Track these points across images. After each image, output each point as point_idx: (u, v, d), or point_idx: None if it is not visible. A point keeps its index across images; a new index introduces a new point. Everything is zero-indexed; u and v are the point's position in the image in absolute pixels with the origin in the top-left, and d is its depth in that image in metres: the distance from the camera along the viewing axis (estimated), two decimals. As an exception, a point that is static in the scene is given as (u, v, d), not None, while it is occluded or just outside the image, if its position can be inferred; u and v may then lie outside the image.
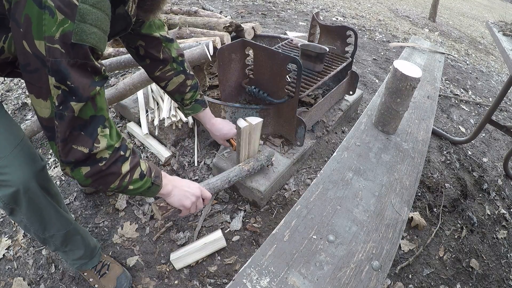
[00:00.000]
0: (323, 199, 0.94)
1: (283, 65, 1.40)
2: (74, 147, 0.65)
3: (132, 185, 0.78)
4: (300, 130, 1.56)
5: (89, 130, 0.66)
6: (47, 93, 0.61)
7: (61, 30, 0.57)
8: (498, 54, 5.36)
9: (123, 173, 0.74)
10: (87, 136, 0.66)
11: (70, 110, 0.62)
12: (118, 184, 0.75)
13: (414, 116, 1.42)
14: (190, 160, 1.71)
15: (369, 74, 3.08)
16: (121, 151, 0.74)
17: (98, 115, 0.68)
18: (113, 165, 0.72)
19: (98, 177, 0.71)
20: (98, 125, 0.68)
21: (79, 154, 0.66)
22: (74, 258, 1.09)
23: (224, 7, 4.53)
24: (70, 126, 0.64)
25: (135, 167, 0.78)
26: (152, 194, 0.87)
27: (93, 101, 0.66)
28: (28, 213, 0.86)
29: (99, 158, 0.69)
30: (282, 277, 0.72)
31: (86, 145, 0.66)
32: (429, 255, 1.48)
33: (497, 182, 2.05)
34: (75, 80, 0.61)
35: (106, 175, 0.72)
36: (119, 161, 0.73)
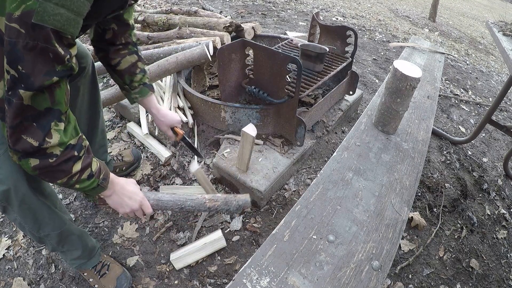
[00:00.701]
0: (323, 199, 0.94)
1: (283, 65, 1.40)
2: (24, 137, 0.61)
3: (78, 184, 0.75)
4: (300, 130, 1.56)
5: (42, 122, 0.62)
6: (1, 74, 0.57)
7: (23, 7, 0.52)
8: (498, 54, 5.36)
9: (73, 172, 0.71)
10: (39, 129, 0.62)
11: (18, 97, 0.58)
12: (66, 181, 0.72)
13: (414, 116, 1.42)
14: (190, 160, 1.71)
15: (369, 74, 3.08)
16: (75, 151, 0.71)
17: (54, 108, 0.63)
18: (63, 163, 0.69)
19: (46, 171, 0.68)
20: (52, 119, 0.63)
21: (28, 146, 0.62)
22: (72, 258, 1.09)
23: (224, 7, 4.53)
24: (19, 114, 0.59)
25: (86, 168, 0.75)
26: (95, 193, 0.85)
27: (50, 92, 0.61)
28: (20, 212, 0.86)
29: (50, 153, 0.65)
30: (282, 277, 0.72)
31: (36, 138, 0.62)
32: (429, 255, 1.48)
33: (497, 182, 2.05)
34: (27, 66, 0.56)
35: (55, 171, 0.69)
36: (71, 161, 0.70)
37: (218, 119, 1.72)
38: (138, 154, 1.64)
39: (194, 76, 2.00)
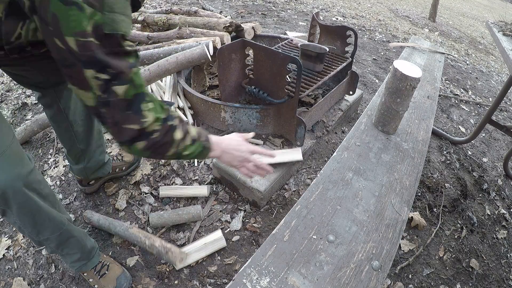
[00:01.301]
0: (323, 199, 0.94)
1: (283, 65, 1.40)
2: (125, 127, 0.68)
3: (187, 151, 0.81)
4: (300, 130, 1.56)
5: (135, 108, 0.69)
6: (87, 85, 0.63)
7: (92, 23, 0.57)
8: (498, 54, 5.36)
9: (176, 140, 0.77)
10: (134, 114, 0.69)
11: (114, 95, 0.65)
12: (175, 151, 0.78)
13: (414, 116, 1.42)
14: (190, 160, 1.71)
15: (369, 74, 3.08)
16: (170, 121, 0.76)
17: (139, 92, 0.69)
18: (166, 135, 0.75)
19: (154, 148, 0.74)
20: (141, 102, 0.70)
21: (132, 132, 0.69)
22: (72, 260, 1.09)
23: (224, 7, 4.53)
24: (117, 109, 0.66)
25: (186, 133, 0.80)
26: (204, 157, 0.90)
27: (131, 80, 0.67)
28: (19, 215, 0.85)
29: (151, 131, 0.72)
30: (282, 277, 0.72)
31: (136, 123, 0.69)
32: (429, 255, 1.48)
33: (497, 182, 2.05)
34: (114, 66, 0.63)
35: (161, 145, 0.75)
36: (170, 131, 0.76)
37: (218, 119, 1.72)
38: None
39: (194, 76, 2.00)
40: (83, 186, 1.48)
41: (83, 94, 0.65)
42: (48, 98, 1.14)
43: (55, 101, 1.15)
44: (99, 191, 1.53)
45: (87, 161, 1.35)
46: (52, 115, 1.19)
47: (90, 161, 1.36)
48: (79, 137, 1.26)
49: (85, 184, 1.47)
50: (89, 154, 1.34)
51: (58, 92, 1.13)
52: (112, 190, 1.52)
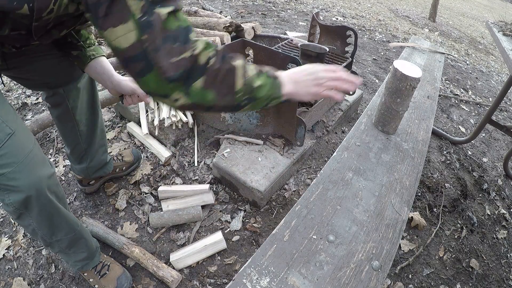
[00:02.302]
0: (323, 199, 0.94)
1: (283, 65, 1.40)
2: (175, 60, 0.58)
3: (257, 81, 0.67)
4: (300, 130, 1.56)
5: (182, 38, 0.60)
6: (127, 13, 0.56)
7: None
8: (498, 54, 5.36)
9: (238, 66, 0.65)
10: (183, 44, 0.59)
11: (156, 15, 0.57)
12: (243, 82, 0.65)
13: (414, 116, 1.42)
14: (190, 160, 1.71)
15: (369, 74, 3.08)
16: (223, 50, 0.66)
17: (184, 25, 0.61)
18: (224, 62, 0.64)
19: (217, 82, 0.63)
20: (188, 32, 0.61)
21: (184, 62, 0.59)
22: (76, 260, 1.09)
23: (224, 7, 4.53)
24: (162, 34, 0.58)
25: (243, 62, 0.67)
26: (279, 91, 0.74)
27: (174, 15, 0.60)
28: (38, 218, 0.85)
29: (206, 60, 0.61)
30: (282, 277, 0.72)
31: (185, 50, 0.59)
32: (429, 255, 1.48)
33: (497, 182, 2.05)
34: None
35: (224, 76, 0.63)
36: (226, 57, 0.65)
37: (218, 119, 1.72)
38: (138, 154, 1.64)
39: (194, 76, 2.00)
40: (83, 186, 1.48)
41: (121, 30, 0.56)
42: (57, 97, 1.15)
43: (63, 100, 1.15)
44: (99, 191, 1.53)
45: (89, 161, 1.36)
46: (59, 114, 1.20)
47: (93, 161, 1.37)
48: (83, 136, 1.27)
49: (85, 184, 1.47)
50: (91, 153, 1.34)
51: (67, 91, 1.14)
52: (112, 190, 1.52)
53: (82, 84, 1.16)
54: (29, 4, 0.65)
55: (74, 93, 1.15)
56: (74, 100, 1.16)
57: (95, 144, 1.33)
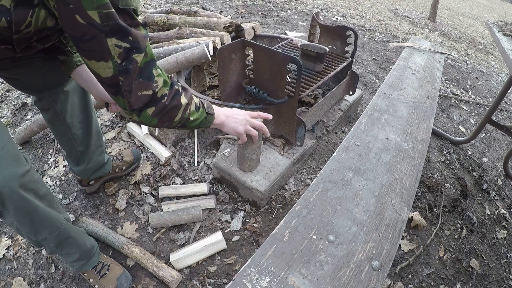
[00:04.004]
0: (323, 199, 0.94)
1: (283, 65, 1.40)
2: (140, 94, 0.73)
3: (192, 116, 0.86)
4: (300, 130, 1.56)
5: (146, 75, 0.73)
6: (108, 55, 0.67)
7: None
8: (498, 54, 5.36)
9: (183, 104, 0.82)
10: (147, 81, 0.73)
11: (134, 62, 0.69)
12: (181, 116, 0.83)
13: (414, 116, 1.42)
14: (190, 160, 1.71)
15: (369, 74, 3.08)
16: (175, 86, 0.81)
17: (149, 60, 0.74)
18: (173, 99, 0.79)
19: (163, 113, 0.79)
20: (151, 68, 0.74)
21: (145, 98, 0.74)
22: (72, 260, 1.09)
23: (224, 7, 4.53)
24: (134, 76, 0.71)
25: (191, 99, 0.86)
26: (209, 124, 0.95)
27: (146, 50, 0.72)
28: (17, 216, 0.85)
29: (160, 96, 0.77)
30: (282, 277, 0.72)
31: (149, 88, 0.74)
32: (429, 255, 1.48)
33: (497, 182, 2.05)
34: (133, 35, 0.67)
35: (169, 110, 0.80)
36: (177, 95, 0.81)
37: (218, 119, 1.72)
38: (138, 154, 1.64)
39: (194, 76, 2.00)
40: (83, 186, 1.48)
41: (102, 65, 0.68)
42: (44, 102, 1.14)
43: (51, 105, 1.14)
44: (99, 191, 1.53)
45: (87, 163, 1.35)
46: (50, 119, 1.19)
47: (90, 162, 1.36)
48: (78, 139, 1.26)
49: (85, 184, 1.47)
50: (88, 155, 1.34)
51: (54, 95, 1.13)
52: (112, 190, 1.52)
53: (71, 87, 1.15)
54: (6, 18, 0.68)
55: (62, 97, 1.14)
56: (63, 104, 1.15)
57: (91, 146, 1.32)
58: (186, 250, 1.26)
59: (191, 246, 1.28)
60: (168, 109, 0.79)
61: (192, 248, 1.27)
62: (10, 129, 1.93)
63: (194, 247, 1.28)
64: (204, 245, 1.27)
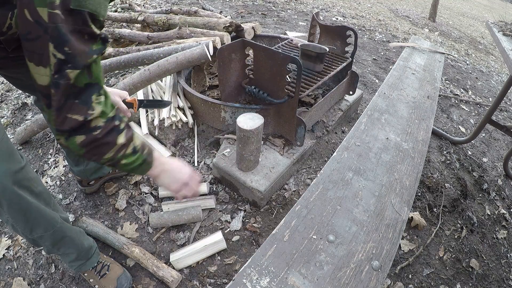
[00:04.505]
0: (323, 199, 0.94)
1: (283, 65, 1.40)
2: (69, 116, 0.64)
3: (125, 159, 0.76)
4: (300, 130, 1.56)
5: (84, 98, 0.65)
6: (47, 60, 0.60)
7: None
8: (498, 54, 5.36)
9: (118, 144, 0.72)
10: (82, 104, 0.65)
11: (66, 78, 0.61)
12: (113, 155, 0.73)
13: (414, 116, 1.42)
14: (190, 160, 1.71)
15: (369, 74, 3.08)
16: (116, 121, 0.72)
17: (93, 83, 0.66)
18: (108, 135, 0.70)
19: (92, 146, 0.69)
20: (93, 93, 0.66)
21: (74, 123, 0.65)
22: (70, 260, 1.09)
23: (224, 7, 4.53)
24: (65, 94, 0.63)
25: (129, 140, 0.76)
26: (142, 172, 0.84)
27: (88, 69, 0.65)
28: (11, 212, 0.85)
29: (94, 126, 0.67)
30: (282, 277, 0.72)
31: (81, 113, 0.65)
32: (429, 255, 1.48)
33: (497, 182, 2.05)
34: (72, 47, 0.60)
35: (101, 145, 0.70)
36: (114, 131, 0.71)
37: (218, 119, 1.72)
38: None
39: (194, 76, 2.00)
40: (83, 187, 1.48)
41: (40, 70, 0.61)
42: None
43: None
44: (99, 191, 1.53)
45: (86, 163, 1.35)
46: None
47: (90, 163, 1.36)
48: None
49: (85, 185, 1.47)
50: None
51: None
52: (112, 190, 1.52)
53: None
54: None
55: None
56: None
57: None
58: (186, 250, 1.26)
59: (191, 246, 1.28)
60: (99, 144, 0.70)
61: (192, 248, 1.27)
62: (10, 129, 1.93)
63: (194, 247, 1.28)
64: (204, 245, 1.27)
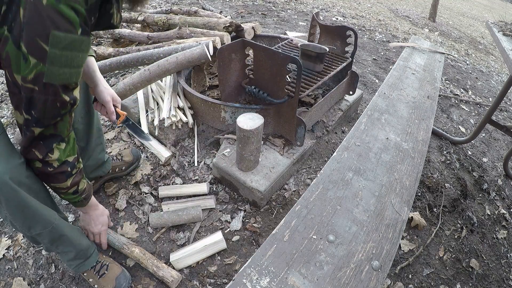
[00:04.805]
0: (323, 199, 0.94)
1: (283, 65, 1.40)
2: (33, 150, 0.81)
3: (64, 196, 0.96)
4: (300, 130, 1.56)
5: (47, 143, 0.81)
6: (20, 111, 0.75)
7: (35, 71, 0.68)
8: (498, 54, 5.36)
9: (61, 184, 0.90)
10: (44, 146, 0.81)
11: (31, 132, 0.77)
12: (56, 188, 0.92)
13: (414, 116, 1.42)
14: (190, 160, 1.71)
15: (369, 74, 3.08)
16: (69, 167, 0.89)
17: (57, 134, 0.82)
18: (58, 175, 0.88)
19: (44, 176, 0.88)
20: (55, 141, 0.82)
21: (34, 157, 0.82)
22: (68, 259, 1.09)
23: (224, 7, 4.53)
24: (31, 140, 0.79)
25: (74, 185, 0.94)
26: (76, 206, 1.07)
27: (55, 125, 0.80)
28: (8, 208, 0.86)
29: (50, 163, 0.84)
30: (282, 277, 0.72)
31: (41, 153, 0.81)
32: (429, 255, 1.48)
33: (497, 182, 2.05)
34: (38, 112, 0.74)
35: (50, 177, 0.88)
36: (64, 174, 0.89)
37: (218, 119, 1.72)
38: (137, 154, 1.64)
39: (194, 76, 2.00)
40: None
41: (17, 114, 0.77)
42: None
43: None
44: (99, 191, 1.53)
45: (86, 159, 1.35)
46: None
47: (90, 159, 1.36)
48: (79, 135, 1.26)
49: None
50: (88, 152, 1.34)
51: None
52: (112, 190, 1.52)
53: None
54: None
55: None
56: None
57: (92, 143, 1.32)
58: (186, 250, 1.26)
59: (191, 246, 1.28)
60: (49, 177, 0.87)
61: (192, 248, 1.27)
62: (10, 129, 1.93)
63: (194, 247, 1.28)
64: (204, 245, 1.27)
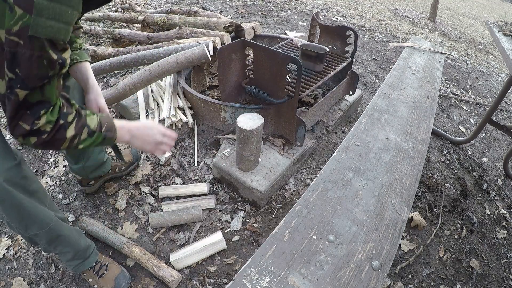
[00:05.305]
0: (323, 199, 0.94)
1: (283, 65, 1.40)
2: (20, 123, 0.72)
3: (83, 144, 0.84)
4: (300, 130, 1.56)
5: (34, 110, 0.73)
6: (2, 75, 0.68)
7: (21, 23, 0.62)
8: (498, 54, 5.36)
9: (68, 137, 0.80)
10: (31, 115, 0.73)
11: (15, 95, 0.68)
12: (68, 145, 0.81)
13: (414, 116, 1.42)
14: (190, 160, 1.71)
15: (369, 74, 3.08)
16: (61, 120, 0.79)
17: (44, 100, 0.74)
18: (56, 134, 0.78)
19: (45, 145, 0.78)
20: (42, 108, 0.74)
21: (22, 130, 0.73)
22: (67, 259, 1.09)
23: (224, 7, 4.53)
24: (16, 107, 0.70)
25: (81, 129, 0.82)
26: (108, 144, 0.92)
27: (41, 89, 0.72)
28: (4, 210, 0.86)
29: (42, 130, 0.75)
30: (282, 277, 0.72)
31: (28, 123, 0.73)
32: (429, 255, 1.48)
33: (497, 182, 2.05)
34: (23, 70, 0.66)
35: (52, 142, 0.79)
36: (61, 129, 0.79)
37: (218, 119, 1.72)
38: (137, 154, 1.64)
39: (194, 76, 2.00)
40: (83, 186, 1.48)
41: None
42: None
43: None
44: (99, 191, 1.53)
45: (86, 160, 1.35)
46: None
47: (89, 160, 1.36)
48: None
49: (85, 184, 1.47)
50: (87, 153, 1.34)
51: None
52: (112, 190, 1.52)
53: (71, 83, 1.16)
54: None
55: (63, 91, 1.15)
56: None
57: None
58: (186, 250, 1.26)
59: (191, 246, 1.28)
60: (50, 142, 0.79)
61: (192, 248, 1.27)
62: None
63: (194, 247, 1.28)
64: (204, 245, 1.27)
